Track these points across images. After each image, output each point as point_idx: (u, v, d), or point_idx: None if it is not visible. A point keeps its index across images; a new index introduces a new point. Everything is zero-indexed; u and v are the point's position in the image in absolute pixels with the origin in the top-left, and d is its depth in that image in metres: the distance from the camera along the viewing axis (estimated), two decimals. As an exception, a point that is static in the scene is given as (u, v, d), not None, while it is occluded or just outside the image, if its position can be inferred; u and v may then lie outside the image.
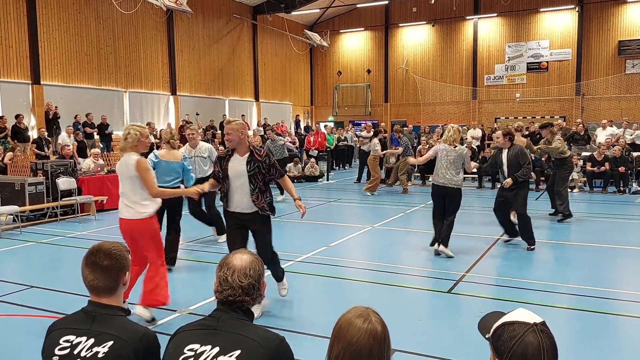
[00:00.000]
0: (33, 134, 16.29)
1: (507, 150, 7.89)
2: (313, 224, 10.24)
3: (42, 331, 2.31)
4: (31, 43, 16.69)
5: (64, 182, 10.93)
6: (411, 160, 10.32)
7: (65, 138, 15.38)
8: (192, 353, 2.00)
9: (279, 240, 5.84)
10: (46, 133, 15.51)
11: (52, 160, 12.59)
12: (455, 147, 7.39)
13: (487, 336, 1.64)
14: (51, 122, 16.44)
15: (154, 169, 7.17)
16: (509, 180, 7.77)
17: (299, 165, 18.55)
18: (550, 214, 10.55)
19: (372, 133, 16.20)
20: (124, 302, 5.13)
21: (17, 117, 15.29)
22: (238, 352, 1.96)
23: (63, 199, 10.91)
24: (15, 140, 15.05)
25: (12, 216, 10.03)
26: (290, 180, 5.39)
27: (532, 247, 7.84)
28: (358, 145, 19.23)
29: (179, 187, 6.85)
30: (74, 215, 11.19)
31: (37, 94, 16.89)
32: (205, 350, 1.99)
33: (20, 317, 5.34)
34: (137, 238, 4.98)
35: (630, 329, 5.03)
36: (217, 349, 1.98)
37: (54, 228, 10.11)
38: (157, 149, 15.23)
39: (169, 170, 6.86)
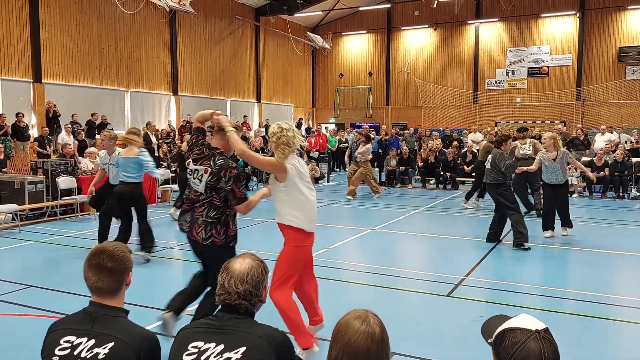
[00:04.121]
0: (34, 132, 16.30)
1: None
2: (312, 226, 10.23)
3: (41, 331, 2.31)
4: (33, 41, 16.71)
5: (64, 181, 10.92)
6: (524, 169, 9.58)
7: (65, 137, 15.39)
8: (196, 350, 2.05)
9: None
10: (47, 131, 15.52)
11: (52, 159, 12.59)
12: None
13: (489, 341, 1.64)
14: (52, 121, 16.45)
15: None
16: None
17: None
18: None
19: (361, 137, 14.47)
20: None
21: (16, 115, 15.30)
22: (243, 348, 2.01)
23: (63, 198, 10.91)
24: (15, 139, 15.04)
25: (11, 215, 10.04)
26: None
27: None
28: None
29: (140, 182, 7.28)
30: (73, 215, 11.20)
31: (39, 93, 16.90)
32: (210, 348, 2.03)
33: (19, 316, 5.33)
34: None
35: (628, 335, 5.03)
36: (221, 346, 2.03)
37: (53, 227, 10.11)
38: (159, 148, 15.08)
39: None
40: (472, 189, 12.81)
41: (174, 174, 13.54)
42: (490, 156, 8.54)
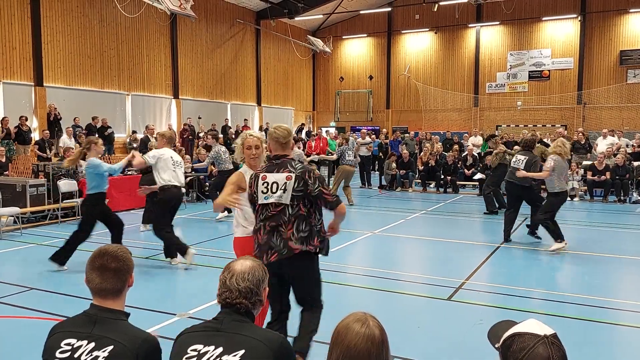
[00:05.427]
0: (35, 135, 16.33)
1: None
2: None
3: (42, 333, 2.32)
4: (34, 45, 16.76)
5: (65, 184, 10.94)
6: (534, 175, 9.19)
7: (67, 140, 15.40)
8: (195, 353, 2.06)
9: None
10: (48, 135, 15.55)
11: (54, 162, 12.61)
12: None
13: (496, 345, 1.63)
14: (53, 124, 16.48)
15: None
16: None
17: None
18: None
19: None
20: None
21: (20, 119, 15.32)
22: (242, 351, 2.01)
23: (64, 201, 10.92)
24: (16, 142, 15.06)
25: (12, 218, 10.05)
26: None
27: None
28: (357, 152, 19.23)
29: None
30: (74, 218, 11.18)
31: (40, 96, 16.94)
32: (209, 351, 2.04)
33: (20, 319, 5.34)
34: None
35: (629, 339, 5.02)
36: (220, 349, 2.03)
37: (54, 230, 10.11)
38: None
39: None
40: None
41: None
42: (523, 158, 8.68)
